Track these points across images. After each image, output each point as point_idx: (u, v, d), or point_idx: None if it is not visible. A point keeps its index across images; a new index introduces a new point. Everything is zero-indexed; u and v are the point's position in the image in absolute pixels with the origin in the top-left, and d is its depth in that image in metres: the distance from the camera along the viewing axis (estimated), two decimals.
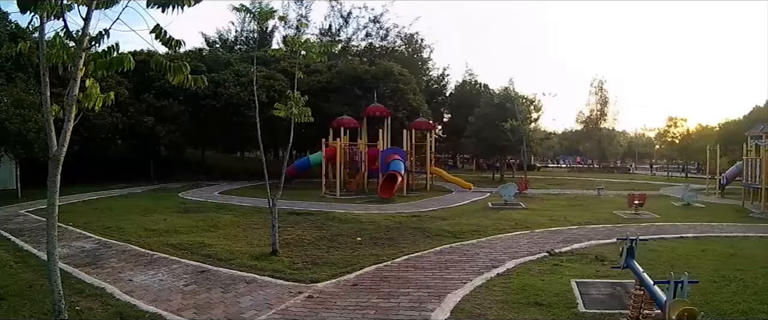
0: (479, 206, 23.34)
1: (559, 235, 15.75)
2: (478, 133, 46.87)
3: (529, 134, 43.67)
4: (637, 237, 8.85)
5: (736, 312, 8.72)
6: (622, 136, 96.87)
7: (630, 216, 20.81)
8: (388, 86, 40.23)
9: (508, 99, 44.68)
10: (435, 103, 65.00)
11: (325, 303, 8.15)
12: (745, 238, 16.87)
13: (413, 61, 64.24)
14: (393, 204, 22.87)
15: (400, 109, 38.75)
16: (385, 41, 65.73)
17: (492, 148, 47.32)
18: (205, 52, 46.86)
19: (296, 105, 11.93)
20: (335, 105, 36.70)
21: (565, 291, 9.37)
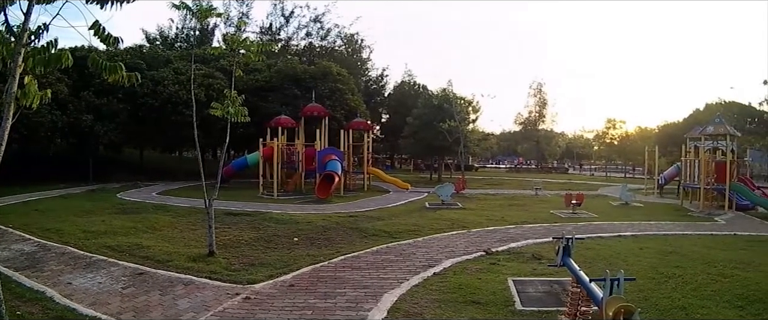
0: (416, 206, 23.42)
1: (496, 234, 15.90)
2: (415, 134, 47.24)
3: (466, 135, 44.11)
4: (573, 236, 9.14)
5: (675, 307, 8.93)
6: (560, 137, 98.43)
7: (567, 216, 21.19)
8: (327, 86, 40.06)
9: (446, 100, 45.04)
10: (373, 103, 65.26)
11: (262, 304, 8.10)
12: (683, 236, 17.28)
13: (352, 61, 64.17)
14: (330, 205, 22.79)
15: (338, 109, 38.69)
16: (325, 41, 65.55)
17: (429, 149, 47.74)
18: (145, 49, 45.65)
19: (233, 104, 11.80)
20: (273, 104, 36.48)
21: (501, 289, 9.45)
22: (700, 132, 30.56)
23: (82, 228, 15.02)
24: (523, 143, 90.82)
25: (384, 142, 69.40)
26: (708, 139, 29.66)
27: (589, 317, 7.41)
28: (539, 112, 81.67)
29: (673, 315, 8.58)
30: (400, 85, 67.85)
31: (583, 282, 7.34)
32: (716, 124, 29.65)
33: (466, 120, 46.11)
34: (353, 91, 43.78)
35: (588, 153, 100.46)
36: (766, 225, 21.35)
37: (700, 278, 11.02)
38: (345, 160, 30.62)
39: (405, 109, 53.76)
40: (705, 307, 9.03)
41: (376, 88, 69.42)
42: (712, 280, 10.90)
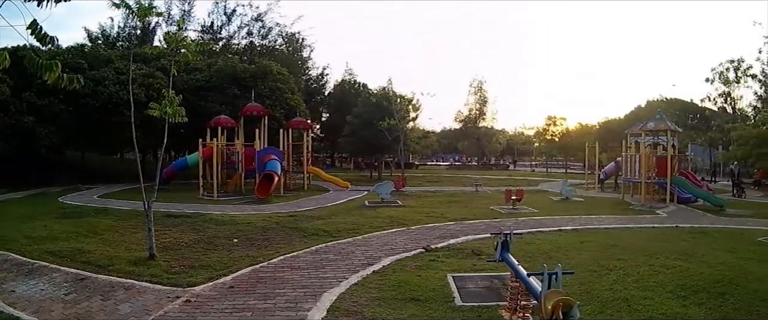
0: (356, 204, 23.50)
1: (435, 231, 16.04)
2: (355, 132, 47.15)
3: (406, 133, 44.37)
4: (512, 231, 9.19)
5: (617, 299, 9.06)
6: (501, 134, 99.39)
7: (507, 212, 21.47)
8: (267, 85, 39.79)
9: (385, 98, 45.13)
10: (314, 102, 64.88)
11: (202, 307, 8.06)
12: (625, 229, 17.60)
13: (293, 60, 63.70)
14: (270, 205, 22.63)
15: (277, 108, 38.43)
16: (266, 40, 64.98)
17: (369, 147, 47.73)
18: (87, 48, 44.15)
19: (171, 104, 11.65)
20: (213, 104, 35.95)
21: (441, 285, 9.51)
22: (640, 128, 31.22)
23: (24, 233, 14.60)
24: (463, 140, 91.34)
25: (324, 140, 69.22)
26: (648, 135, 30.28)
27: (529, 311, 7.51)
28: (480, 109, 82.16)
29: (615, 306, 8.73)
30: (341, 84, 67.63)
31: (522, 276, 7.44)
32: (657, 120, 30.32)
33: (405, 118, 46.32)
34: (293, 90, 43.54)
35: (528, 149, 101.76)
36: (708, 217, 21.87)
37: (642, 270, 11.22)
38: (284, 159, 30.47)
39: (345, 107, 53.63)
40: (647, 298, 9.19)
41: (316, 87, 69.03)
42: (655, 272, 11.09)
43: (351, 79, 68.44)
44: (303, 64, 68.10)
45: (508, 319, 7.74)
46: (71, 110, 32.99)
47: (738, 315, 8.64)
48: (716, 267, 11.75)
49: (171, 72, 12.31)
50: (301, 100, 44.75)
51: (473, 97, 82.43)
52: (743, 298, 9.46)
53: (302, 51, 69.27)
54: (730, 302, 9.24)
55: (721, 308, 8.91)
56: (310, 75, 69.42)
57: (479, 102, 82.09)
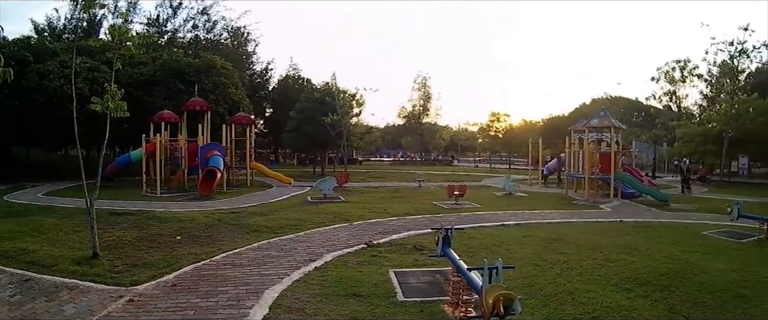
0: (299, 200, 23.36)
1: (378, 227, 15.96)
2: (298, 128, 46.94)
3: (349, 128, 44.43)
4: (452, 226, 9.38)
5: (560, 293, 9.09)
6: (444, 130, 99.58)
7: (450, 207, 21.60)
8: (210, 80, 39.22)
9: (329, 94, 45.05)
10: (257, 97, 64.23)
11: (145, 306, 7.95)
12: (568, 224, 17.81)
13: (238, 54, 63.01)
14: (212, 201, 22.36)
15: (221, 104, 38.06)
16: (212, 34, 64.03)
17: (312, 143, 47.62)
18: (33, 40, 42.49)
19: (112, 99, 11.38)
20: (157, 99, 35.24)
21: (383, 281, 9.50)
22: (584, 124, 31.98)
23: None
24: (407, 136, 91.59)
25: (268, 136, 68.49)
26: (592, 132, 30.87)
27: (472, 306, 7.52)
28: (423, 105, 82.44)
29: (558, 300, 8.75)
30: (285, 79, 67.16)
31: (463, 271, 7.49)
32: (601, 117, 30.88)
33: (349, 113, 46.29)
34: (237, 85, 43.12)
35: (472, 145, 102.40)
36: (652, 212, 22.27)
37: (585, 263, 11.30)
38: (227, 155, 30.20)
39: (289, 103, 53.31)
40: (591, 291, 9.24)
41: (260, 82, 68.37)
42: (598, 265, 11.20)
43: (295, 74, 67.95)
44: (247, 59, 67.42)
45: (450, 314, 7.72)
46: (17, 105, 31.98)
47: (684, 307, 8.76)
48: (661, 260, 11.92)
49: (115, 66, 12.09)
50: (244, 95, 44.34)
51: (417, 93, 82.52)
52: (689, 290, 9.61)
53: (247, 45, 68.55)
54: (675, 294, 9.38)
55: (667, 300, 9.05)
56: (255, 70, 68.68)
57: (423, 98, 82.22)
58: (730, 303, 9.00)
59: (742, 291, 9.66)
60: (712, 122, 47.43)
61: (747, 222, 17.24)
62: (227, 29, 65.74)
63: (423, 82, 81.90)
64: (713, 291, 9.63)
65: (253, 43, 69.09)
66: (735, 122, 43.92)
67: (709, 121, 48.46)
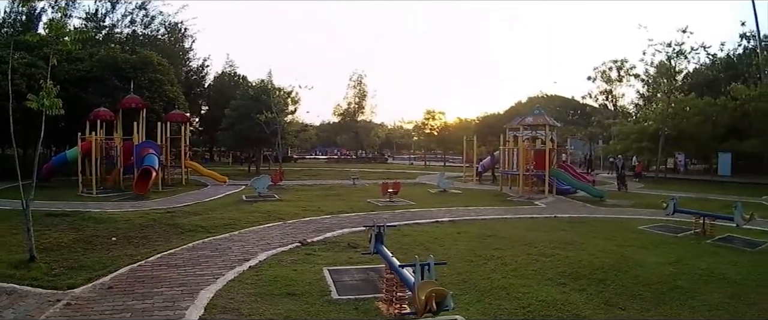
0: (233, 199, 23.16)
1: (312, 225, 15.89)
2: (233, 126, 46.66)
3: (284, 126, 44.38)
4: (385, 223, 9.39)
5: (495, 288, 9.08)
6: (379, 128, 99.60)
7: (384, 204, 21.70)
8: (147, 76, 38.35)
9: (264, 91, 44.99)
10: (193, 94, 63.23)
11: (82, 309, 7.78)
12: (503, 220, 17.90)
13: (174, 50, 61.76)
14: (148, 201, 21.88)
15: (156, 101, 37.24)
16: (149, 29, 62.35)
17: (247, 141, 47.29)
18: None
19: (48, 96, 11.02)
20: (94, 96, 34.28)
21: (317, 279, 9.46)
22: (519, 122, 32.31)
23: None
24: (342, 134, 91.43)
25: (203, 134, 67.53)
26: (527, 129, 31.11)
27: (406, 303, 7.48)
28: (359, 103, 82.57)
29: (493, 295, 8.75)
30: (221, 76, 66.58)
31: (395, 268, 7.52)
32: (535, 114, 31.43)
33: (284, 111, 46.17)
34: (173, 82, 42.26)
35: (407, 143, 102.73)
36: (587, 208, 22.63)
37: (520, 259, 11.35)
38: (162, 153, 29.66)
39: (225, 100, 52.84)
40: (526, 286, 9.25)
41: (196, 79, 67.34)
42: (533, 260, 11.26)
43: (231, 71, 67.51)
44: (184, 55, 66.21)
45: (384, 311, 7.70)
46: None
47: (620, 299, 8.83)
48: (596, 254, 12.06)
49: (51, 61, 11.81)
50: (180, 92, 43.50)
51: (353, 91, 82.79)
52: (625, 283, 9.70)
53: (184, 41, 67.30)
54: (611, 287, 9.46)
55: (602, 293, 9.10)
56: (191, 66, 67.52)
57: (358, 96, 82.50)
58: (667, 295, 9.17)
59: (678, 283, 9.84)
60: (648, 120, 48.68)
61: (683, 216, 17.56)
62: (165, 25, 64.35)
63: (359, 80, 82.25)
64: (650, 283, 9.78)
65: (190, 39, 68.00)
66: (671, 120, 44.93)
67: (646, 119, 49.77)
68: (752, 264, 11.72)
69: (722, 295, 9.24)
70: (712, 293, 9.38)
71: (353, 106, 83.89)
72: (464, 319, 7.53)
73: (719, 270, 10.95)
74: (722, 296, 9.20)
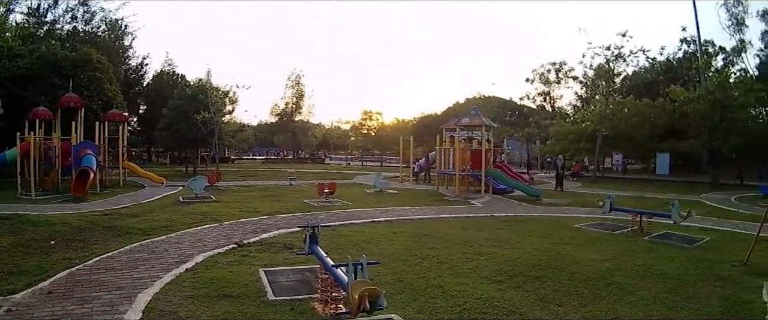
0: (170, 201, 22.78)
1: (248, 226, 15.71)
2: (171, 126, 45.56)
3: (221, 126, 43.73)
4: (319, 223, 9.39)
5: (430, 286, 9.07)
6: (317, 128, 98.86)
7: (320, 204, 21.56)
8: (86, 74, 37.35)
9: (202, 90, 44.14)
10: (132, 93, 61.47)
11: (23, 315, 7.58)
12: (439, 219, 17.93)
13: (114, 48, 59.91)
14: (86, 203, 21.20)
15: (95, 100, 36.28)
16: (90, 25, 60.05)
17: (185, 141, 46.31)
18: None
19: None
20: (34, 94, 33.14)
21: (253, 280, 9.37)
22: (455, 123, 32.41)
23: None
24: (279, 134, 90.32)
25: (141, 134, 65.40)
26: (463, 130, 31.30)
27: (341, 302, 7.46)
28: (296, 103, 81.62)
29: (428, 293, 8.71)
30: (160, 75, 64.55)
31: (329, 268, 7.44)
32: (472, 115, 31.52)
33: (221, 111, 45.50)
34: (112, 80, 41.28)
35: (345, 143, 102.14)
36: (524, 207, 22.80)
37: (455, 257, 11.35)
38: (100, 154, 28.88)
39: (163, 99, 51.39)
40: (462, 284, 9.21)
41: (135, 78, 65.17)
42: (469, 259, 11.26)
43: (170, 69, 65.73)
44: (123, 53, 64.17)
45: (320, 311, 7.62)
46: None
47: (556, 296, 8.83)
48: (532, 252, 12.14)
49: None
50: (119, 91, 42.48)
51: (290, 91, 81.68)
52: (561, 280, 9.72)
53: (124, 39, 65.11)
54: (548, 284, 9.46)
55: (539, 290, 9.10)
56: (130, 64, 65.38)
57: (296, 96, 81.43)
58: (604, 291, 9.20)
59: (615, 279, 9.92)
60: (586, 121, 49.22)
61: (620, 215, 17.65)
62: (106, 21, 62.20)
63: (297, 80, 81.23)
64: (587, 280, 9.82)
65: (130, 36, 65.92)
66: (609, 121, 45.80)
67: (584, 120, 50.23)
68: (690, 260, 11.94)
69: (660, 290, 9.40)
70: (650, 288, 9.50)
71: (291, 106, 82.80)
72: (400, 318, 7.52)
73: (657, 266, 11.15)
74: (660, 291, 9.34)
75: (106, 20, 62.30)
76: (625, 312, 8.18)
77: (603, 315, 8.06)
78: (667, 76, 59.59)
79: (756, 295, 9.24)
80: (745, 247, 12.36)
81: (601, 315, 8.06)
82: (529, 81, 67.77)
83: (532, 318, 7.85)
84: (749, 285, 9.93)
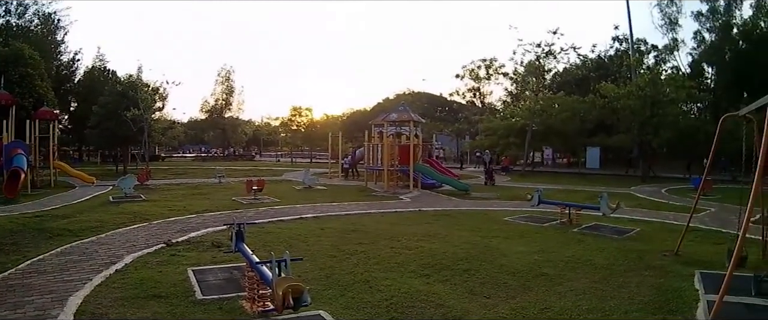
0: (101, 201, 22.16)
1: (177, 225, 15.42)
2: (101, 123, 44.20)
3: (151, 124, 42.80)
4: (245, 221, 9.39)
5: (357, 282, 9.00)
6: (247, 125, 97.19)
7: (249, 202, 21.33)
8: (17, 71, 36.08)
9: (132, 87, 43.04)
10: (63, 90, 59.05)
11: None
12: (367, 215, 17.81)
13: (46, 43, 57.39)
14: (18, 205, 20.34)
15: (26, 97, 35.06)
16: (23, 19, 57.79)
17: (115, 139, 44.83)
18: None
19: None
20: None
21: (182, 280, 9.19)
22: (383, 118, 32.11)
23: None
24: (209, 131, 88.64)
25: (72, 132, 62.98)
26: (392, 125, 30.91)
27: (268, 300, 7.32)
28: (226, 99, 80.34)
29: (356, 289, 8.61)
30: (91, 71, 62.18)
31: (254, 265, 7.39)
32: (400, 111, 31.53)
33: (151, 108, 44.47)
34: (43, 77, 39.93)
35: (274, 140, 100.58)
36: (452, 201, 22.77)
37: (383, 252, 11.30)
38: (31, 153, 27.80)
39: (94, 96, 49.73)
40: (389, 279, 9.14)
41: (67, 74, 62.55)
42: (397, 254, 11.23)
43: (102, 65, 63.35)
44: (56, 48, 61.47)
45: (248, 309, 7.51)
46: None
47: (484, 288, 8.76)
48: (460, 246, 12.09)
49: None
50: (50, 88, 41.05)
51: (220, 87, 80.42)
52: (489, 273, 9.68)
53: (56, 33, 62.40)
54: (476, 277, 9.39)
55: (467, 283, 9.04)
56: (62, 60, 62.62)
57: (226, 91, 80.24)
58: (533, 283, 9.17)
59: (544, 271, 9.91)
60: (516, 117, 49.30)
61: (548, 207, 17.85)
62: (39, 15, 59.77)
63: (227, 75, 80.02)
64: (515, 272, 9.79)
65: (63, 30, 63.26)
66: (539, 117, 46.07)
67: (513, 115, 50.36)
68: (620, 251, 12.02)
69: (590, 280, 9.41)
70: (580, 279, 9.51)
71: (221, 103, 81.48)
72: (328, 314, 7.47)
73: (586, 257, 11.19)
74: (590, 281, 9.36)
75: (40, 14, 60.08)
76: (554, 303, 8.18)
77: (532, 306, 8.05)
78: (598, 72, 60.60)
79: (687, 283, 9.35)
80: (675, 237, 12.52)
81: (530, 306, 8.05)
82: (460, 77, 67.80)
83: (460, 310, 7.79)
84: (680, 273, 10.05)
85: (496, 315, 7.72)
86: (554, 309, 7.92)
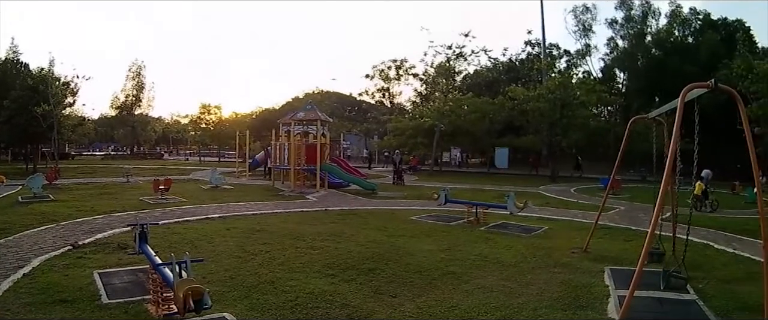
0: (9, 201, 20.87)
1: (84, 226, 14.55)
2: (11, 119, 41.23)
3: (61, 120, 40.56)
4: (147, 222, 8.93)
5: (262, 283, 8.67)
6: (156, 122, 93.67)
7: (156, 202, 20.41)
8: None
9: (42, 81, 40.35)
10: None
11: None
12: (272, 214, 17.23)
13: None
14: None
15: None
16: None
17: (25, 136, 42.14)
18: None
19: None
20: None
21: (87, 283, 8.68)
22: (291, 117, 31.57)
23: None
24: (119, 128, 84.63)
25: None
26: (299, 124, 30.28)
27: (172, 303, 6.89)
28: (136, 95, 77.10)
29: (260, 290, 8.30)
30: (4, 63, 56.83)
31: (156, 267, 7.04)
32: (307, 110, 30.98)
33: (61, 103, 42.10)
34: None
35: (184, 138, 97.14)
36: (359, 200, 22.25)
37: (288, 252, 10.90)
38: None
39: (7, 91, 45.37)
40: (294, 279, 8.84)
41: None
42: (302, 254, 10.87)
43: (15, 57, 58.28)
44: None
45: (153, 313, 7.14)
46: None
47: (390, 287, 8.54)
48: (366, 245, 11.80)
49: None
50: None
51: (131, 83, 77.08)
52: (395, 272, 9.45)
53: None
54: (381, 276, 9.16)
55: (372, 282, 8.80)
56: None
57: (136, 87, 76.97)
58: (440, 281, 8.95)
59: (451, 269, 9.66)
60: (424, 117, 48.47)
61: (455, 206, 17.43)
62: None
63: (138, 71, 76.84)
64: (421, 271, 9.55)
65: None
66: (448, 117, 45.46)
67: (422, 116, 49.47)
68: (528, 248, 11.83)
69: (497, 278, 9.22)
70: (487, 276, 9.30)
71: (131, 99, 78.16)
72: (232, 316, 7.19)
73: (493, 255, 10.98)
74: (497, 279, 9.16)
75: None
76: (461, 301, 7.98)
77: (438, 304, 7.85)
78: (508, 75, 61.38)
79: (597, 279, 9.26)
80: (584, 235, 12.45)
81: (436, 304, 7.85)
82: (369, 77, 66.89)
83: (366, 310, 7.58)
84: (590, 270, 9.93)
85: (402, 314, 7.53)
86: (461, 307, 7.76)
